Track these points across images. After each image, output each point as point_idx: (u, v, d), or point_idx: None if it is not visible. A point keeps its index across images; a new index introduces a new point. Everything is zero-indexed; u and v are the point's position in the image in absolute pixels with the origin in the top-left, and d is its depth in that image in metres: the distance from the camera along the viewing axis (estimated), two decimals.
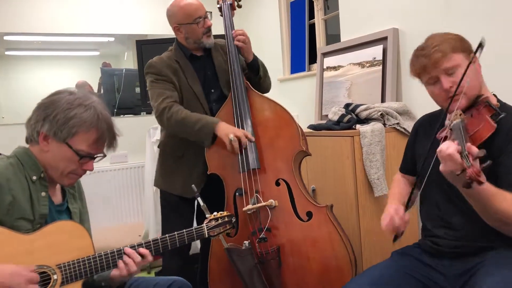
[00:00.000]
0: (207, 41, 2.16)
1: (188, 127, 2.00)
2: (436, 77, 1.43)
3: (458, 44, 1.43)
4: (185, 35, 2.14)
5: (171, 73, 2.12)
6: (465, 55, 1.42)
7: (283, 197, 1.97)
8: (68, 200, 1.50)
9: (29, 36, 3.76)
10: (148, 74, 2.15)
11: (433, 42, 1.44)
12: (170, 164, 2.22)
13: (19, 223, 1.30)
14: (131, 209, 3.89)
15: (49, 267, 1.30)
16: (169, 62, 2.14)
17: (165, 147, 2.26)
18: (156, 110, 2.07)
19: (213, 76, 2.22)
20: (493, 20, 2.00)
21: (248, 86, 2.13)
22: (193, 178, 2.14)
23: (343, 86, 2.83)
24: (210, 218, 1.59)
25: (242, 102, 2.06)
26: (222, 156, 2.03)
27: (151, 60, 2.16)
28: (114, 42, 4.03)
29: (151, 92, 2.12)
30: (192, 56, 2.19)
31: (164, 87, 2.09)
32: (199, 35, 2.13)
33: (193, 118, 2.01)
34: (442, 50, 1.40)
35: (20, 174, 1.34)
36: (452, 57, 1.40)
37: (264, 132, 2.05)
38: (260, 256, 1.92)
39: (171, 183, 2.21)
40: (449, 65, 1.40)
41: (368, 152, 2.22)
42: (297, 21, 3.63)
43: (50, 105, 1.36)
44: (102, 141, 1.41)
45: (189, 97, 2.14)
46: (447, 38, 1.44)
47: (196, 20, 2.10)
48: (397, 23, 2.51)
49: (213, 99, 2.20)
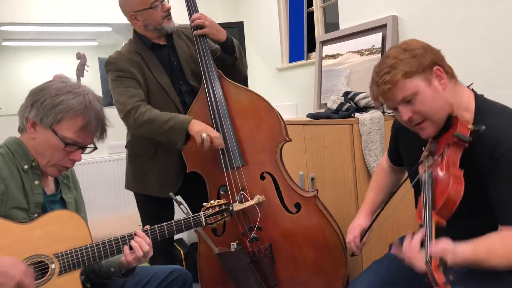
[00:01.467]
0: (168, 25, 1.98)
1: (158, 128, 1.85)
2: (394, 107, 1.31)
3: (413, 64, 1.25)
4: (144, 23, 1.97)
5: (133, 67, 1.95)
6: (422, 76, 1.25)
7: (269, 191, 1.90)
8: (62, 190, 1.49)
9: (26, 26, 3.72)
10: (109, 71, 1.98)
11: (383, 67, 1.28)
12: (142, 165, 2.07)
13: (13, 213, 1.30)
14: (130, 199, 3.89)
15: (47, 256, 1.30)
16: (130, 56, 1.97)
17: (134, 147, 2.09)
18: (121, 111, 1.91)
19: (179, 66, 2.05)
20: (493, 5, 1.97)
21: (221, 75, 1.97)
22: (169, 176, 2.02)
23: (342, 74, 2.81)
24: (207, 206, 1.58)
25: (217, 94, 1.91)
26: (200, 153, 1.89)
27: (110, 56, 1.99)
28: (112, 31, 4.00)
29: (114, 91, 1.95)
30: (154, 45, 2.02)
31: (127, 84, 1.93)
32: (158, 19, 1.95)
33: (163, 117, 1.86)
34: (391, 81, 1.25)
35: (11, 163, 1.34)
36: (405, 85, 1.25)
37: (244, 125, 1.92)
38: (253, 255, 1.87)
39: (146, 184, 2.07)
40: (403, 95, 1.26)
41: (367, 141, 2.21)
42: (296, 9, 3.60)
43: (39, 92, 1.35)
44: (90, 129, 1.37)
45: (156, 90, 1.98)
46: (400, 60, 1.26)
47: (153, 4, 1.92)
48: (395, 10, 2.49)
49: (185, 91, 2.05)
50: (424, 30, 2.32)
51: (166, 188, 2.01)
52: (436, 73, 1.27)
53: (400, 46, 1.31)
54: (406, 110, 1.28)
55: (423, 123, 1.29)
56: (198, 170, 1.96)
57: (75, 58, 3.91)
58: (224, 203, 1.61)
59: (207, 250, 1.92)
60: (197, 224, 1.53)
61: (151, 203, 2.10)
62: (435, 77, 1.27)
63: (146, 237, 1.42)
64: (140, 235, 1.41)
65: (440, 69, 1.27)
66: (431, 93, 1.26)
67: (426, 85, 1.26)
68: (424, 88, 1.25)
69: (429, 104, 1.26)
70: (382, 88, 1.27)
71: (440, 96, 1.27)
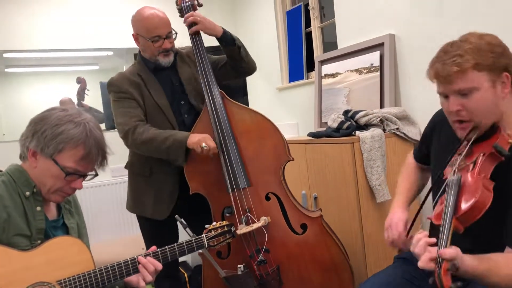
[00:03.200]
0: (163, 60, 2.02)
1: (156, 146, 1.87)
2: (445, 94, 1.24)
3: (488, 60, 1.17)
4: (142, 48, 2.03)
5: (132, 88, 1.98)
6: (490, 76, 1.17)
7: (275, 212, 1.89)
8: (64, 215, 1.49)
9: (28, 53, 3.77)
10: (110, 93, 2.02)
11: (458, 48, 1.20)
12: (139, 184, 2.09)
13: (16, 240, 1.30)
14: (133, 222, 3.87)
15: (49, 283, 1.29)
16: (130, 77, 2.01)
17: (133, 167, 2.12)
18: (121, 131, 1.94)
19: (180, 87, 2.08)
20: (488, 24, 2.00)
21: (224, 95, 1.98)
22: (163, 197, 2.02)
23: (341, 93, 2.83)
24: (210, 228, 1.57)
25: (221, 115, 1.91)
26: (203, 173, 1.90)
27: (111, 78, 2.04)
28: (113, 55, 4.05)
29: (115, 112, 1.99)
30: (156, 68, 2.05)
31: (127, 105, 1.96)
32: (154, 52, 2.00)
33: (161, 136, 1.88)
34: (461, 64, 1.17)
35: (13, 190, 1.34)
36: (469, 76, 1.17)
37: (248, 145, 1.92)
38: (260, 278, 1.84)
39: (141, 205, 2.07)
40: (464, 86, 1.18)
41: (369, 158, 2.21)
42: (294, 29, 3.65)
43: (40, 121, 1.36)
44: (90, 158, 1.37)
45: (154, 111, 2.00)
46: (478, 50, 1.18)
47: (153, 38, 1.96)
48: (392, 29, 2.52)
49: (185, 111, 2.07)
50: (421, 48, 2.35)
51: (159, 209, 2.01)
52: (503, 79, 1.20)
53: (483, 36, 1.23)
54: (457, 101, 1.21)
55: (467, 123, 1.23)
56: (201, 191, 1.94)
57: (77, 82, 3.95)
58: (226, 224, 1.60)
59: (212, 273, 1.89)
60: (200, 246, 1.52)
61: (154, 226, 2.09)
62: (501, 83, 1.20)
63: (156, 262, 1.42)
64: (148, 261, 1.41)
65: (508, 76, 1.21)
66: (490, 96, 1.19)
67: (490, 86, 1.19)
68: (486, 88, 1.19)
69: (483, 106, 1.20)
70: (448, 69, 1.18)
71: (497, 102, 1.20)
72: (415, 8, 2.36)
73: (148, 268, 1.40)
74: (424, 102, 2.35)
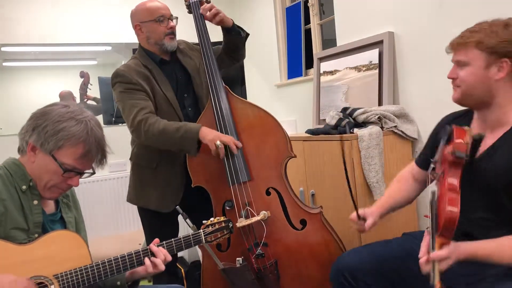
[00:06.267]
0: (169, 43, 2.02)
1: (169, 137, 1.85)
2: (452, 61, 1.37)
3: (492, 41, 1.25)
4: (146, 35, 2.02)
5: (142, 80, 1.97)
6: (487, 57, 1.27)
7: (275, 207, 1.90)
8: (62, 209, 1.49)
9: (26, 47, 3.76)
10: (117, 84, 1.97)
11: (480, 25, 1.30)
12: (145, 176, 2.08)
13: (13, 233, 1.29)
14: (130, 217, 3.88)
15: (46, 277, 1.29)
16: (139, 69, 1.99)
17: (139, 159, 2.10)
18: (131, 124, 1.91)
19: (185, 80, 2.09)
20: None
21: (228, 90, 1.98)
22: (170, 190, 2.02)
23: (340, 90, 2.83)
24: (207, 224, 1.57)
25: (224, 109, 1.92)
26: (206, 168, 1.92)
27: (118, 69, 1.99)
28: (111, 50, 4.04)
29: (122, 104, 1.95)
30: (162, 61, 2.06)
31: (137, 97, 1.93)
32: (161, 35, 2.00)
33: (172, 127, 1.86)
34: (465, 39, 1.29)
35: (9, 184, 1.34)
36: (469, 50, 1.29)
37: (250, 140, 1.93)
38: (258, 271, 1.86)
39: (145, 196, 2.07)
40: (460, 59, 1.32)
41: (366, 156, 2.21)
42: (293, 26, 3.64)
43: (41, 116, 1.35)
44: (90, 157, 1.37)
45: (163, 104, 2.00)
46: (491, 31, 1.26)
47: (158, 17, 1.98)
48: (392, 26, 2.51)
49: (188, 104, 2.08)
50: (420, 46, 2.35)
51: (165, 202, 2.02)
52: (502, 63, 1.27)
53: (509, 25, 1.29)
54: (455, 70, 1.34)
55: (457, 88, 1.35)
56: (203, 184, 1.96)
57: (74, 77, 3.94)
58: (224, 220, 1.60)
59: (211, 265, 1.91)
60: (197, 242, 1.53)
61: (154, 218, 2.10)
62: (498, 66, 1.27)
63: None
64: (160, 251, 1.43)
65: (508, 63, 1.26)
66: (480, 74, 1.28)
67: (483, 66, 1.28)
68: (478, 66, 1.28)
69: (470, 80, 1.30)
70: (457, 40, 1.31)
71: (486, 82, 1.29)
72: (414, 6, 2.36)
73: (159, 257, 1.42)
74: (423, 100, 2.36)
